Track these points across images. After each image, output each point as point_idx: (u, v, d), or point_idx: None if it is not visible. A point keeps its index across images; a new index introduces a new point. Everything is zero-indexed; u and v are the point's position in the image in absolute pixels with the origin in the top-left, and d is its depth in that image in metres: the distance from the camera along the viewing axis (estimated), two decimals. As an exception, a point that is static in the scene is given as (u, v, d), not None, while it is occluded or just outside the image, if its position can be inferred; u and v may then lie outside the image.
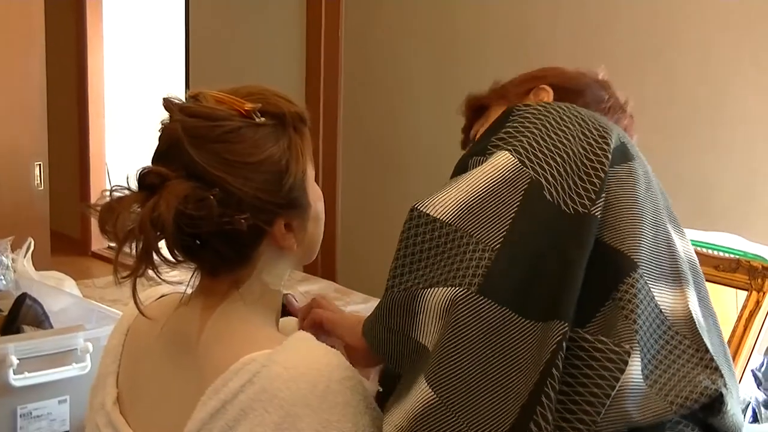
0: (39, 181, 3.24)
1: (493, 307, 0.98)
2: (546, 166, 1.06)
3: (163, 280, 1.10)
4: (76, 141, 5.61)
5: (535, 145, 1.08)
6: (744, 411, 1.59)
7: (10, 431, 1.61)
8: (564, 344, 0.97)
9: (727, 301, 1.64)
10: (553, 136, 1.09)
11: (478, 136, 1.44)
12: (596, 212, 1.04)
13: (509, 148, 1.08)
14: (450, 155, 1.44)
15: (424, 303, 1.01)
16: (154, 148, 1.12)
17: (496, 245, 1.01)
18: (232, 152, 1.08)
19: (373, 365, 1.20)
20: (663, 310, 1.06)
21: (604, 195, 1.06)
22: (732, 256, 1.65)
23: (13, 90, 3.17)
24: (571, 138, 1.09)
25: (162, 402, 1.17)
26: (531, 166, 1.06)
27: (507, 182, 1.05)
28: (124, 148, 5.76)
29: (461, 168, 1.12)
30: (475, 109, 1.52)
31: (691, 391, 1.01)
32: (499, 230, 1.02)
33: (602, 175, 1.07)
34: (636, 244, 1.06)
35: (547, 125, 1.11)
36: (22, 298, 1.84)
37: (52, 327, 1.83)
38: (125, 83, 5.89)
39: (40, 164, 3.24)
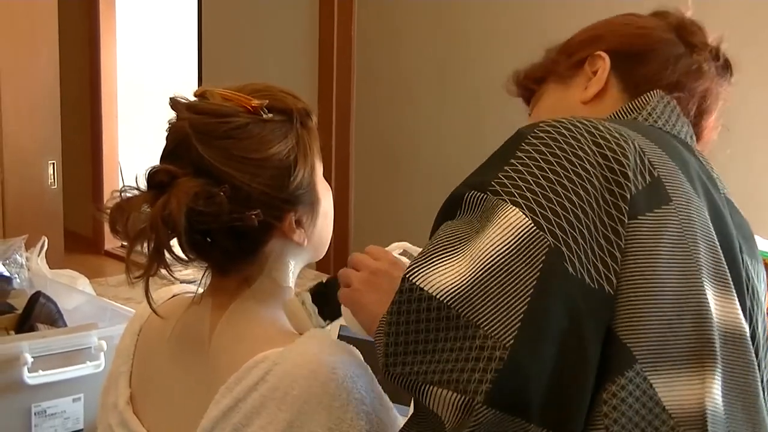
0: (52, 180, 3.25)
1: (503, 416, 0.83)
2: (566, 226, 0.87)
3: (175, 279, 1.10)
4: (89, 140, 5.62)
5: (552, 196, 0.89)
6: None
7: (24, 429, 1.62)
8: None
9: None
10: (575, 179, 0.90)
11: (531, 118, 1.24)
12: (613, 290, 0.87)
13: (520, 201, 0.88)
14: (461, 154, 1.44)
15: (433, 397, 0.86)
16: (163, 146, 1.12)
17: (508, 341, 0.83)
18: (239, 148, 1.08)
19: None
20: (667, 408, 0.86)
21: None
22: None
23: (26, 89, 3.18)
24: (591, 184, 0.90)
25: (175, 401, 1.17)
26: (548, 228, 0.87)
27: (520, 252, 0.86)
28: (136, 146, 5.77)
29: (456, 199, 0.95)
30: (526, 89, 1.27)
31: None
32: (512, 321, 0.84)
33: (621, 241, 0.88)
34: (641, 326, 0.87)
35: (566, 164, 0.91)
36: (36, 296, 1.84)
37: (65, 325, 1.83)
38: (138, 82, 5.90)
39: (53, 163, 3.26)
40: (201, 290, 1.18)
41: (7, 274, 1.98)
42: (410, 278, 0.88)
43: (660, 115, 1.11)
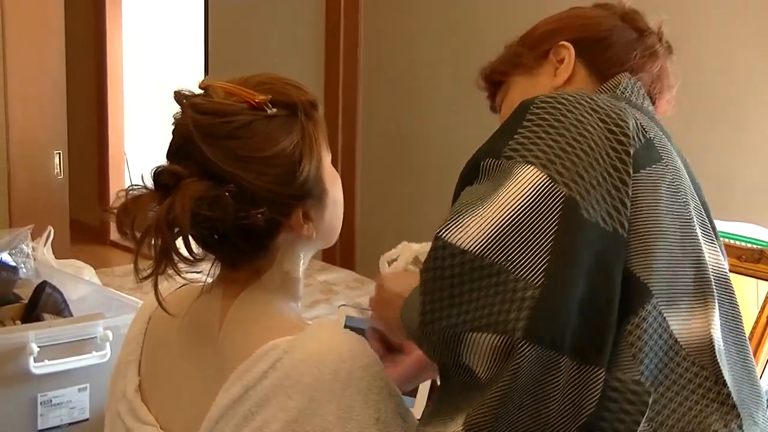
0: (59, 170, 3.25)
1: (540, 352, 0.89)
2: (578, 179, 0.95)
3: (184, 278, 1.11)
4: (96, 130, 5.64)
5: (562, 155, 0.97)
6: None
7: (30, 419, 1.62)
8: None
9: (748, 292, 1.62)
10: (579, 139, 0.98)
11: (502, 108, 1.35)
12: (626, 233, 0.96)
13: (534, 161, 0.96)
14: (468, 145, 1.44)
15: (473, 345, 0.91)
16: (168, 143, 1.11)
17: (537, 281, 0.90)
18: (244, 148, 1.07)
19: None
20: (678, 339, 0.97)
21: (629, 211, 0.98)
22: (755, 246, 1.63)
23: (33, 80, 3.17)
24: (595, 142, 0.98)
25: (184, 389, 1.17)
26: (562, 181, 0.95)
27: (539, 202, 0.94)
28: (142, 137, 5.78)
29: (473, 167, 1.02)
30: (493, 83, 1.37)
31: None
32: (539, 262, 0.91)
33: (628, 189, 0.97)
34: (652, 264, 0.98)
35: (570, 127, 0.99)
36: (42, 286, 1.85)
37: (71, 315, 1.84)
38: (144, 74, 5.91)
39: (59, 153, 3.25)
40: (210, 279, 1.18)
41: (13, 264, 1.99)
42: (442, 236, 0.94)
43: (632, 93, 1.20)
